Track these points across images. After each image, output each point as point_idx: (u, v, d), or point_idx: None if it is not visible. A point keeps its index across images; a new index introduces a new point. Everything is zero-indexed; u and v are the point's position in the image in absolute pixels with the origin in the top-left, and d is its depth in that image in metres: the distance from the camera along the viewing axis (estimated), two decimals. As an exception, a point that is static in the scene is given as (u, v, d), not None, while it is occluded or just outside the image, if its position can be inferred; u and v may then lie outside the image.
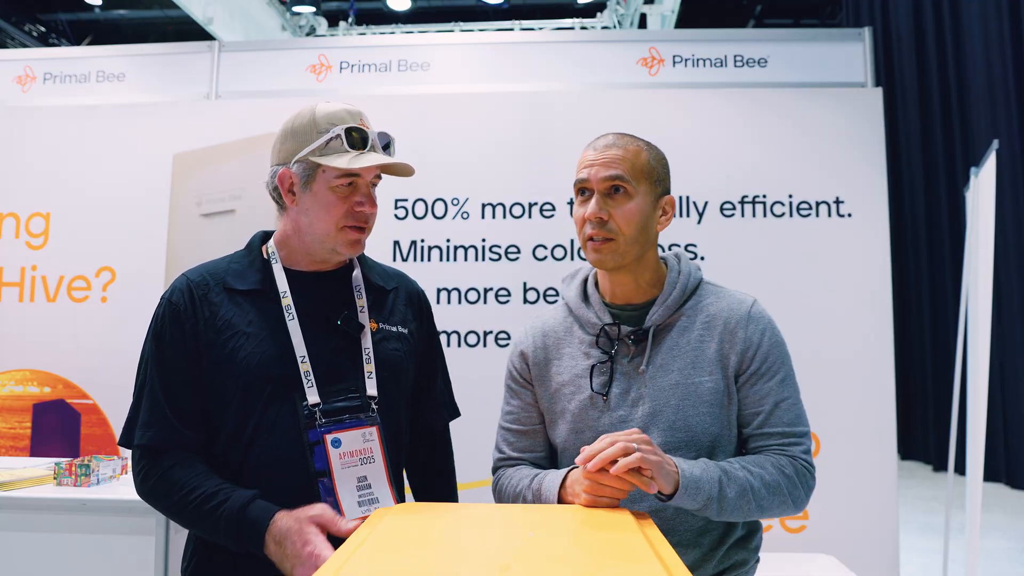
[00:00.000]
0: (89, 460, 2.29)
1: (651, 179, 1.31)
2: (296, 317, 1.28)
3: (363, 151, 1.26)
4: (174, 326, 1.26)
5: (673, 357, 1.30)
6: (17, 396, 3.14)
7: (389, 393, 1.33)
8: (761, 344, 1.29)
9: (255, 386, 1.23)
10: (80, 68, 3.46)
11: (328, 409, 1.25)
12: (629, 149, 1.31)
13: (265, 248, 1.37)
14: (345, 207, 1.28)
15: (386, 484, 1.27)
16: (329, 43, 3.56)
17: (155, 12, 10.63)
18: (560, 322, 1.42)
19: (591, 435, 1.26)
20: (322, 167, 1.27)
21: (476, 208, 3.08)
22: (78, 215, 3.20)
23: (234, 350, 1.24)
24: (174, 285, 1.30)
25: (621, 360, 1.32)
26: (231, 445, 1.24)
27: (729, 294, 1.36)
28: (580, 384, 1.33)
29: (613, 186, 1.29)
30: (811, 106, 3.04)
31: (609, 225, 1.29)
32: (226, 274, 1.32)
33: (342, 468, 1.23)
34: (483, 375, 3.08)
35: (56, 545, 2.10)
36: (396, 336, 1.38)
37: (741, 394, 1.30)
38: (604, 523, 0.99)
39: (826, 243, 2.95)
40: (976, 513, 2.91)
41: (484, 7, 9.18)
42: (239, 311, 1.27)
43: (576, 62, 3.26)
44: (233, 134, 3.19)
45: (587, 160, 1.33)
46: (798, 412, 1.30)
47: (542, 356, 1.39)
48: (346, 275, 1.38)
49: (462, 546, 0.87)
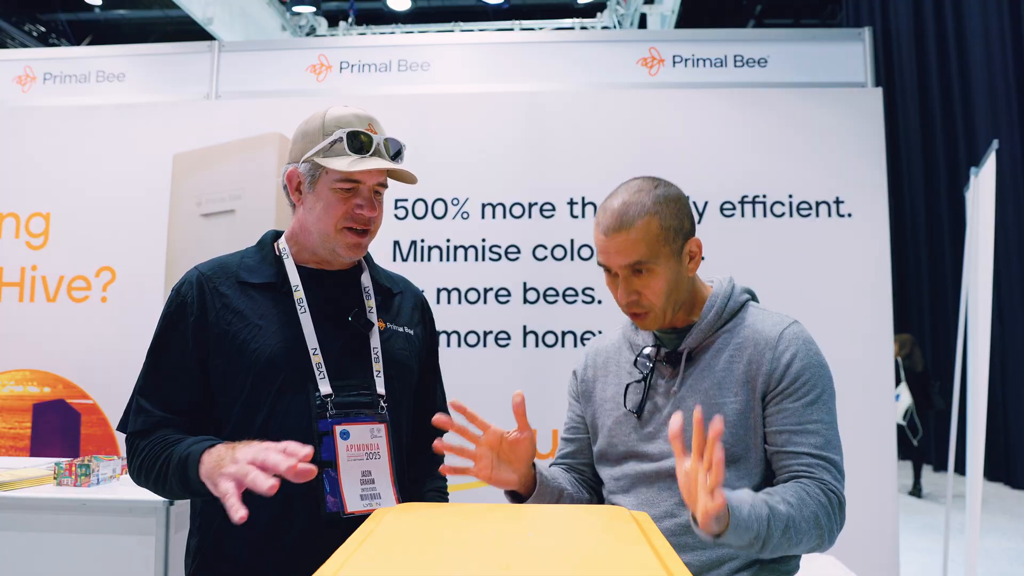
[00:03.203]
0: (89, 460, 2.29)
1: (668, 241, 1.29)
2: (308, 310, 1.29)
3: (365, 156, 1.27)
4: (179, 318, 1.28)
5: (703, 378, 1.31)
6: (17, 396, 3.14)
7: (396, 392, 1.34)
8: (791, 364, 1.26)
9: (266, 377, 1.24)
10: (80, 68, 3.46)
11: (340, 401, 1.26)
12: (637, 227, 1.26)
13: (277, 244, 1.38)
14: (345, 209, 1.29)
15: (389, 481, 1.28)
16: (329, 43, 3.56)
17: (155, 12, 10.64)
18: (614, 343, 1.48)
19: (622, 448, 1.35)
20: (325, 169, 1.28)
21: (476, 208, 3.08)
22: (78, 215, 3.20)
23: (245, 341, 1.25)
24: (185, 277, 1.32)
25: (658, 381, 1.36)
26: (239, 434, 1.24)
27: (768, 316, 1.35)
28: (618, 401, 1.39)
29: (634, 269, 1.28)
30: (811, 106, 3.04)
31: (641, 302, 1.30)
32: (239, 268, 1.33)
33: (348, 460, 1.24)
34: (483, 375, 3.08)
35: (56, 545, 2.10)
36: (403, 336, 1.40)
37: (766, 412, 1.27)
38: (604, 523, 0.99)
39: (826, 243, 2.95)
40: (976, 513, 2.91)
41: (484, 7, 9.18)
42: (251, 303, 1.29)
43: (576, 62, 3.26)
44: (233, 134, 3.19)
45: (599, 244, 1.31)
46: (829, 438, 1.24)
47: (591, 375, 1.48)
48: (355, 275, 1.40)
49: (462, 546, 0.87)
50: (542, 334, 3.01)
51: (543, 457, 2.92)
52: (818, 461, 1.22)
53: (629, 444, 1.35)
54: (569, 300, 3.02)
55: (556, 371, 3.00)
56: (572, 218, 3.06)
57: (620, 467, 1.36)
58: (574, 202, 3.07)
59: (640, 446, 1.34)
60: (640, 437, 1.34)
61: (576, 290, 3.02)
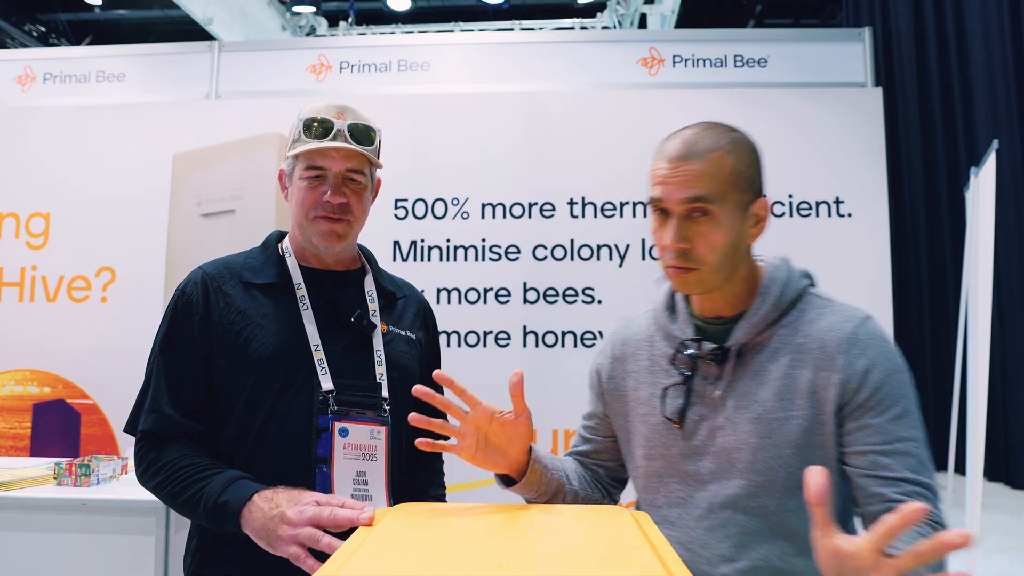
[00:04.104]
0: (89, 460, 2.28)
1: (739, 188, 1.07)
2: (310, 308, 1.30)
3: (323, 140, 1.27)
4: (184, 317, 1.28)
5: (759, 385, 1.09)
6: (17, 396, 3.14)
7: (398, 395, 1.34)
8: (869, 372, 1.05)
9: (268, 375, 1.24)
10: (80, 68, 3.46)
11: (341, 399, 1.26)
12: (710, 158, 1.06)
13: (281, 244, 1.39)
14: (314, 197, 1.29)
15: (383, 485, 1.27)
16: (329, 43, 3.56)
17: (155, 12, 10.63)
18: (644, 329, 1.24)
19: (664, 464, 1.14)
20: (295, 160, 1.30)
21: (476, 208, 3.08)
22: (78, 215, 3.20)
23: (248, 340, 1.26)
24: (189, 277, 1.32)
25: (701, 381, 1.13)
26: (240, 433, 1.25)
27: (836, 309, 1.14)
28: (655, 405, 1.17)
29: (693, 208, 1.06)
30: (811, 106, 3.04)
31: (691, 254, 1.07)
32: (242, 268, 1.34)
33: (343, 458, 1.24)
34: (483, 375, 3.08)
35: (56, 545, 2.10)
36: (405, 340, 1.39)
37: (843, 430, 1.06)
38: (604, 523, 0.99)
39: (826, 243, 2.95)
40: (976, 513, 2.91)
41: (484, 7, 9.17)
42: (254, 303, 1.29)
43: (576, 62, 3.26)
44: (233, 134, 3.19)
45: (659, 174, 1.09)
46: (921, 459, 1.02)
47: (619, 369, 1.24)
48: (358, 278, 1.40)
49: (462, 546, 0.87)
50: (542, 334, 3.00)
51: (543, 457, 2.92)
52: (912, 487, 1.01)
53: (670, 458, 1.14)
54: (569, 300, 3.01)
55: (556, 371, 3.00)
56: (572, 218, 3.06)
57: (660, 490, 1.16)
58: (574, 202, 3.07)
59: (684, 464, 1.13)
60: (683, 451, 1.13)
61: (576, 290, 3.02)
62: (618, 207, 3.04)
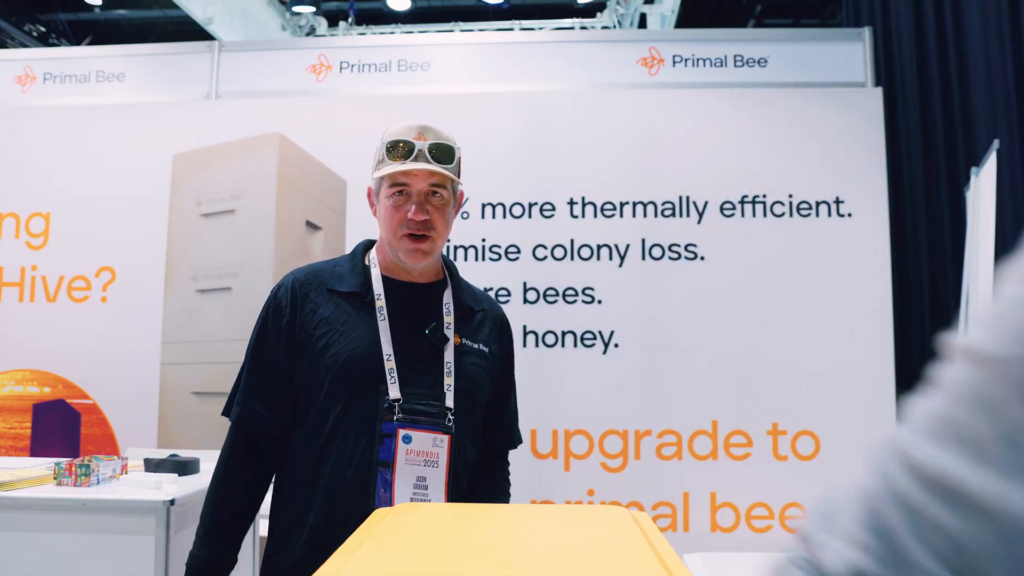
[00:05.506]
0: (89, 460, 2.28)
1: None
2: (387, 319, 1.37)
3: (406, 162, 1.35)
4: (274, 320, 1.38)
5: None
6: (17, 396, 3.14)
7: (466, 406, 1.39)
8: None
9: (341, 379, 1.32)
10: (80, 68, 3.46)
11: (407, 407, 1.32)
12: None
13: (367, 255, 1.46)
14: (399, 216, 1.36)
15: (443, 491, 1.31)
16: (329, 43, 3.57)
17: (155, 12, 10.63)
18: None
19: None
20: (381, 180, 1.39)
21: (476, 208, 3.08)
22: (78, 215, 3.20)
23: (327, 345, 1.34)
24: (282, 282, 1.42)
25: None
26: (312, 433, 1.34)
27: None
28: None
29: None
30: (811, 106, 3.05)
31: None
32: (329, 276, 1.42)
33: (405, 464, 1.30)
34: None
35: (56, 545, 2.10)
36: (477, 353, 1.44)
37: None
38: (604, 523, 0.99)
39: (826, 243, 2.95)
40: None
41: (484, 7, 9.17)
42: (336, 310, 1.37)
43: (576, 62, 3.26)
44: (233, 134, 3.19)
45: None
46: None
47: None
48: (439, 290, 1.46)
49: (462, 546, 0.87)
50: (542, 334, 3.00)
51: (543, 457, 2.92)
52: None
53: None
54: (569, 300, 3.01)
55: (556, 371, 3.00)
56: (572, 218, 3.06)
57: None
58: (574, 202, 3.07)
59: None
60: None
61: (576, 290, 3.02)
62: (618, 207, 3.03)
